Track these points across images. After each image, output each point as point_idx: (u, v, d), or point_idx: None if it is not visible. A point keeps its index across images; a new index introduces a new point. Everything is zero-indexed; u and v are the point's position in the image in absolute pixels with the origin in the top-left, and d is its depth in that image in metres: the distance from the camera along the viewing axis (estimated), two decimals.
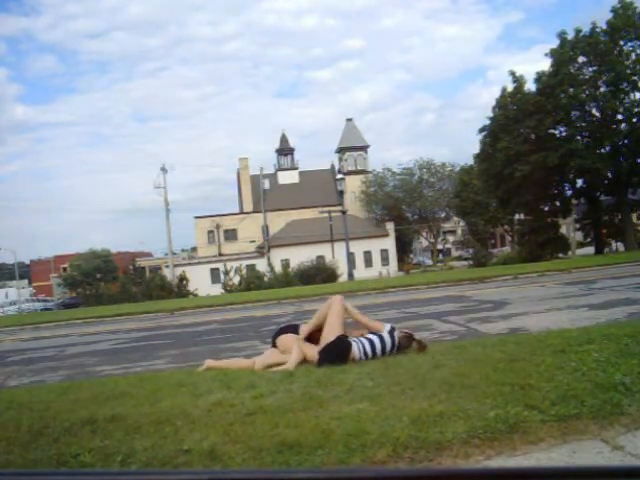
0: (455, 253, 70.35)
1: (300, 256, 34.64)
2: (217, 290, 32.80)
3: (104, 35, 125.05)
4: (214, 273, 43.34)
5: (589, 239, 38.41)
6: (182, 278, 33.26)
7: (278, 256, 43.77)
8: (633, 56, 30.10)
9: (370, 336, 5.05)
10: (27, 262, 74.24)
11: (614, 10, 29.92)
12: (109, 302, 30.25)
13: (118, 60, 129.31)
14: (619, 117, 31.03)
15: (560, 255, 34.87)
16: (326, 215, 38.21)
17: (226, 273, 32.38)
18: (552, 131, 32.13)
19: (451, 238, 73.52)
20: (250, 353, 6.38)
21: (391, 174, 57.18)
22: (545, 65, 32.49)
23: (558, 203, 35.66)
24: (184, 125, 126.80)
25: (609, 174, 31.82)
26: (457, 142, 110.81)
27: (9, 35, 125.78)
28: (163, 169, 41.20)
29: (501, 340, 5.40)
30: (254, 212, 53.42)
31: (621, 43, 30.18)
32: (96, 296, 34.20)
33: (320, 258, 36.32)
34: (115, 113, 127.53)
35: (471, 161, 43.88)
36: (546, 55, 31.73)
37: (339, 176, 35.38)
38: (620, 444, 2.67)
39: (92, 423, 3.49)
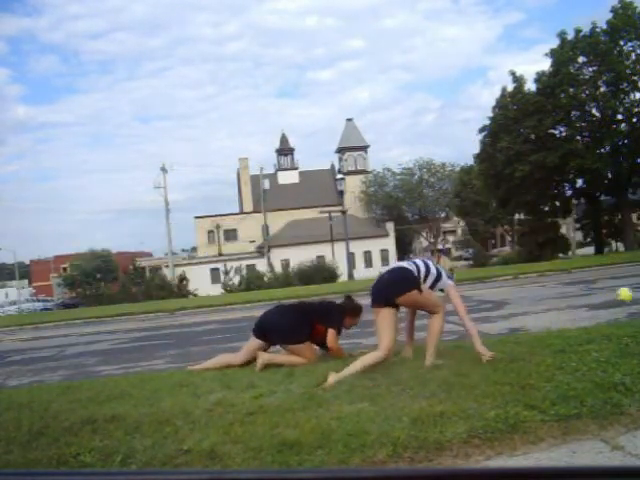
0: (455, 253, 70.32)
1: (300, 256, 34.63)
2: (217, 290, 32.78)
3: (106, 35, 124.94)
4: (214, 273, 43.28)
5: (589, 239, 38.39)
6: (182, 278, 33.23)
7: (278, 256, 43.73)
8: (633, 56, 30.04)
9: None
10: (27, 262, 74.17)
11: (614, 10, 29.85)
12: (109, 302, 30.23)
13: (120, 60, 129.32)
14: (619, 117, 30.97)
15: (560, 255, 34.84)
16: (326, 215, 38.12)
17: (226, 273, 32.36)
18: (552, 131, 32.06)
19: (451, 238, 73.46)
20: None
21: (391, 174, 57.15)
22: (545, 65, 32.50)
23: (558, 203, 35.62)
24: (185, 125, 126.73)
25: (609, 174, 31.78)
26: (457, 142, 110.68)
27: (11, 35, 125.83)
28: (163, 169, 41.21)
29: (501, 340, 5.40)
30: (254, 212, 53.36)
31: (621, 43, 30.12)
32: (96, 296, 34.20)
33: (320, 258, 36.26)
34: (116, 113, 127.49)
35: (471, 161, 43.89)
36: (546, 55, 31.71)
37: (339, 176, 35.35)
38: (620, 444, 2.67)
39: (92, 423, 3.49)
